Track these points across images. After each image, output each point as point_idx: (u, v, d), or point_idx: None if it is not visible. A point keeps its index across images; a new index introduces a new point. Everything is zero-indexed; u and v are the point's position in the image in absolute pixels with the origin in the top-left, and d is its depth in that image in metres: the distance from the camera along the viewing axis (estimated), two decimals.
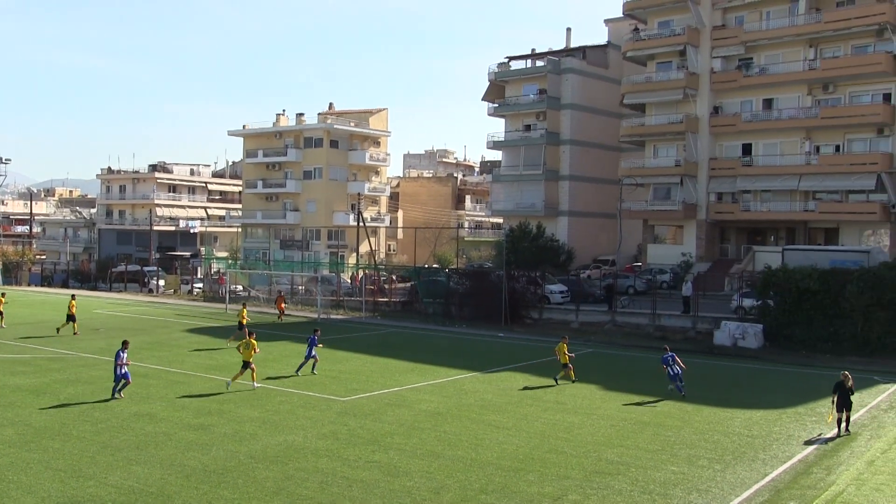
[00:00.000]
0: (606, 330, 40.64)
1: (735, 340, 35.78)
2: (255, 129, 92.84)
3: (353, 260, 76.81)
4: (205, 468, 15.95)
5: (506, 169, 73.93)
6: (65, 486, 14.66)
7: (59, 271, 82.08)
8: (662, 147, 63.01)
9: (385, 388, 24.88)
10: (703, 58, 59.80)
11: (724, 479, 16.02)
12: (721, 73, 58.83)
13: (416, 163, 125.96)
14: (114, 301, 53.76)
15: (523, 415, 21.52)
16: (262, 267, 66.92)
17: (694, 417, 21.61)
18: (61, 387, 24.13)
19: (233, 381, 24.44)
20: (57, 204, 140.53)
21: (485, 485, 15.27)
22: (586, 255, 69.02)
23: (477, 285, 46.63)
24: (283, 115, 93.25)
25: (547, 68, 70.78)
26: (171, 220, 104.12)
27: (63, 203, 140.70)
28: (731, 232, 61.79)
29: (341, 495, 14.49)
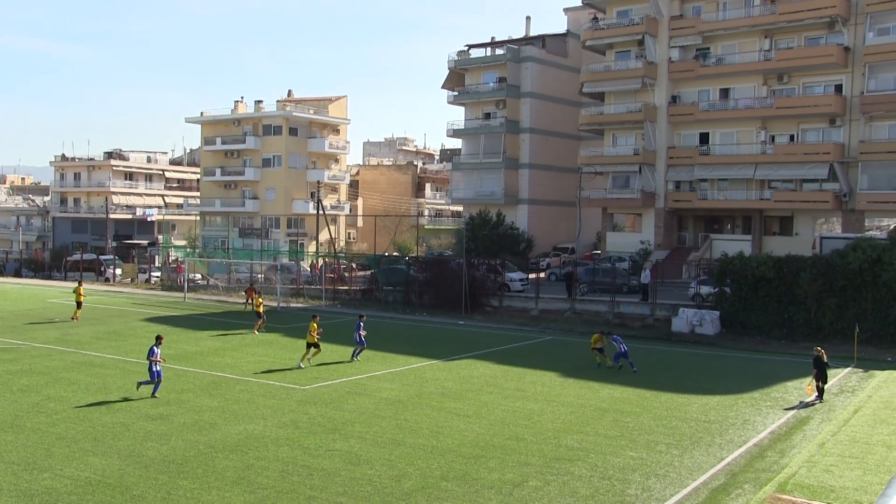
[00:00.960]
0: (566, 317, 40.94)
1: (692, 327, 36.27)
2: (214, 116, 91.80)
3: (312, 248, 76.44)
4: (164, 458, 15.82)
5: (466, 157, 73.95)
6: (18, 480, 14.44)
7: (12, 260, 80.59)
8: (621, 136, 63.46)
9: (345, 377, 24.84)
10: (661, 47, 60.27)
11: (682, 463, 16.27)
12: (679, 63, 59.35)
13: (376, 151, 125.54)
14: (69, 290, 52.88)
15: (483, 402, 21.63)
16: (221, 255, 66.33)
17: (652, 403, 21.90)
18: (13, 377, 23.73)
19: (303, 361, 26.35)
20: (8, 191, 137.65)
21: (446, 472, 15.34)
22: (546, 242, 69.41)
23: (437, 273, 46.69)
24: (242, 103, 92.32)
25: (507, 56, 70.86)
26: (128, 208, 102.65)
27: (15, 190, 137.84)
28: (689, 220, 62.50)
29: (302, 484, 14.46)
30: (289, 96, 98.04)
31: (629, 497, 14.18)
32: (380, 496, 13.91)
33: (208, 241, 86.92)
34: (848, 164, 52.62)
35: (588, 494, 14.25)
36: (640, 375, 26.16)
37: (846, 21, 52.16)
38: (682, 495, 14.35)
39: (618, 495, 14.26)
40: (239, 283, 55.43)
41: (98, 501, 13.36)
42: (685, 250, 59.14)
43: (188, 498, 13.61)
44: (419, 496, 13.96)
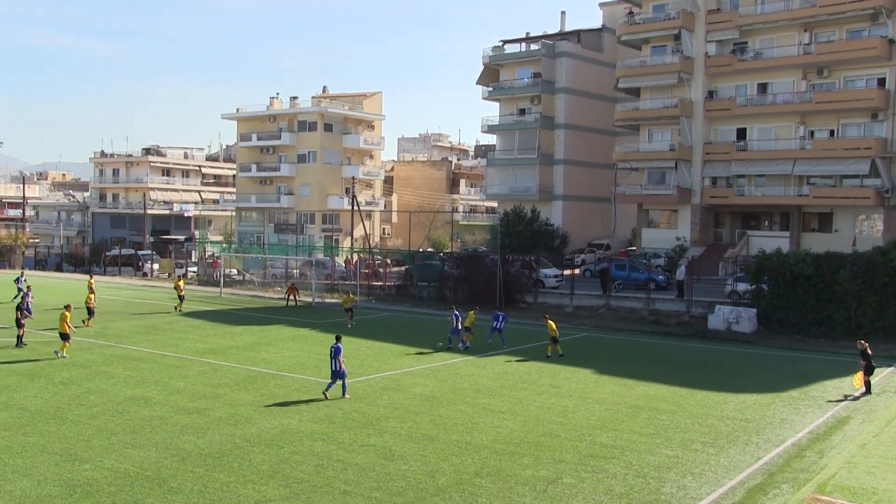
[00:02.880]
0: (601, 314, 40.71)
1: (729, 324, 35.89)
2: (249, 112, 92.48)
3: (347, 244, 76.70)
4: (200, 451, 15.99)
5: (500, 153, 73.80)
6: (61, 470, 14.68)
7: (53, 255, 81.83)
8: (657, 131, 62.94)
9: (380, 372, 24.92)
10: (697, 42, 59.64)
11: (718, 462, 16.11)
12: (716, 58, 58.69)
13: (411, 146, 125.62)
14: (108, 284, 53.59)
15: (518, 399, 21.59)
16: (257, 251, 66.89)
17: (688, 401, 21.71)
18: (55, 370, 24.12)
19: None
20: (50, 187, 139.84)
21: (479, 468, 15.34)
22: (580, 239, 69.09)
23: (471, 269, 46.64)
24: (277, 99, 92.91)
25: (541, 52, 70.53)
26: (165, 204, 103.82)
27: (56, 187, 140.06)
28: (726, 216, 61.84)
29: (336, 478, 14.54)
30: (324, 92, 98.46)
31: (664, 495, 14.07)
32: (414, 491, 13.94)
33: (244, 237, 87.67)
34: (890, 159, 51.68)
35: (623, 492, 14.17)
36: (676, 373, 25.97)
37: (891, 13, 51.14)
38: (719, 494, 14.21)
39: (653, 493, 14.16)
40: (274, 279, 55.85)
41: (136, 493, 13.54)
42: (721, 247, 58.52)
43: (224, 491, 13.74)
44: (453, 492, 13.97)
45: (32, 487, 13.75)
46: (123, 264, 68.26)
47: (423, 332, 34.17)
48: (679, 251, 56.36)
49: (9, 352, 27.18)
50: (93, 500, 13.16)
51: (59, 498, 13.27)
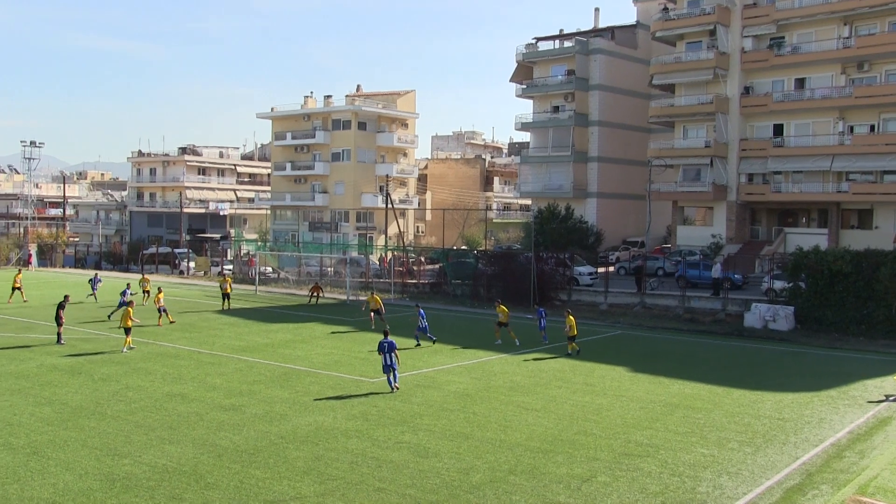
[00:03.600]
0: (635, 312, 40.47)
1: (766, 323, 35.50)
2: (284, 111, 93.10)
3: (381, 242, 76.98)
4: (236, 448, 16.15)
5: (534, 150, 73.63)
6: (101, 464, 14.92)
7: (92, 253, 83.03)
8: (692, 128, 62.40)
9: (414, 370, 24.98)
10: (733, 37, 59.02)
11: (755, 462, 15.95)
12: (752, 53, 58.04)
13: (444, 144, 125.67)
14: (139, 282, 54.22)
15: (552, 396, 21.54)
16: (292, 249, 67.30)
17: (724, 400, 21.51)
18: (95, 366, 24.50)
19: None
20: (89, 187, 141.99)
21: (514, 466, 15.33)
22: (615, 236, 68.72)
23: (505, 267, 46.58)
24: (311, 98, 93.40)
25: (575, 49, 70.23)
26: (201, 203, 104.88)
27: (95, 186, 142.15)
28: (762, 213, 61.16)
29: (371, 475, 14.61)
30: (357, 91, 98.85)
31: (700, 494, 13.96)
32: (448, 489, 13.97)
33: (279, 235, 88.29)
34: None
35: (658, 491, 14.08)
36: (712, 371, 25.75)
37: None
38: (756, 494, 14.06)
39: (688, 492, 14.05)
40: (309, 277, 56.19)
41: (174, 488, 13.72)
42: (758, 244, 57.90)
43: (260, 487, 13.87)
44: (487, 490, 13.97)
45: (74, 481, 13.98)
46: (160, 262, 69.10)
47: (457, 330, 34.20)
48: (715, 249, 55.85)
49: (50, 347, 27.64)
50: (132, 495, 13.36)
51: (99, 492, 13.48)
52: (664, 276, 48.66)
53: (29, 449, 15.86)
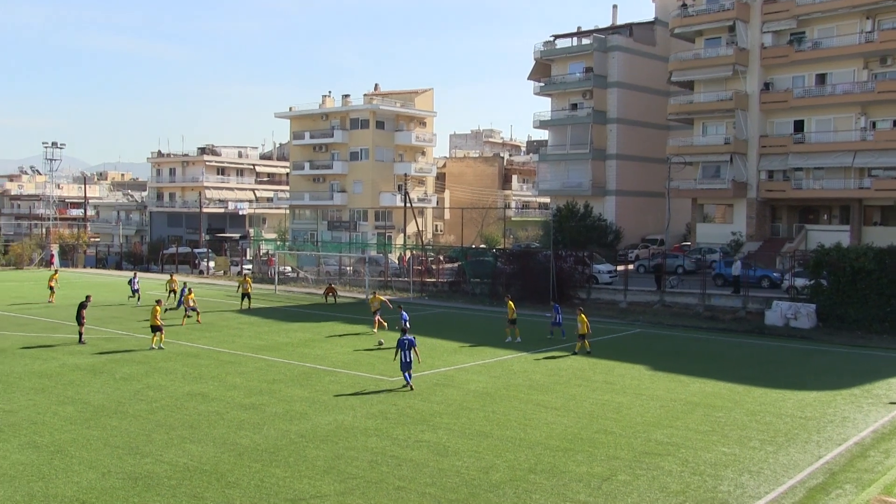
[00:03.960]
0: (655, 310, 40.29)
1: (787, 320, 35.23)
2: (302, 111, 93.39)
3: (400, 240, 77.10)
4: (257, 447, 16.21)
5: (552, 148, 73.48)
6: (123, 463, 15.02)
7: (113, 253, 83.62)
8: (711, 124, 62.08)
9: (433, 369, 24.98)
10: (752, 33, 58.65)
11: (777, 460, 15.83)
12: (772, 49, 57.66)
13: (463, 143, 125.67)
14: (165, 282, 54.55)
15: (572, 395, 21.48)
16: (310, 248, 67.47)
17: (745, 398, 21.37)
18: (117, 366, 24.67)
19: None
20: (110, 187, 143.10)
21: (534, 464, 15.29)
22: (634, 234, 68.48)
23: (524, 265, 46.50)
24: (329, 97, 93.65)
25: (593, 46, 70.04)
26: (220, 203, 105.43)
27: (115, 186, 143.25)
28: (783, 210, 60.76)
29: (391, 474, 14.62)
30: (375, 90, 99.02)
31: (721, 493, 13.87)
32: (468, 488, 13.95)
33: (298, 234, 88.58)
34: None
35: (679, 490, 14.00)
36: (732, 370, 25.59)
37: None
38: (778, 493, 13.95)
39: (709, 491, 13.96)
40: (328, 276, 56.34)
41: (195, 487, 13.78)
42: (778, 241, 57.51)
43: (280, 486, 13.91)
44: (507, 488, 13.95)
45: (97, 479, 14.09)
46: (180, 262, 69.48)
47: (477, 329, 34.17)
48: (735, 246, 55.53)
49: (72, 347, 27.87)
50: (154, 493, 13.43)
51: (121, 490, 13.57)
52: (684, 274, 48.44)
53: (53, 447, 16.00)
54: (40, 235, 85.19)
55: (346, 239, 76.82)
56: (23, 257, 73.00)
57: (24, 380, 22.49)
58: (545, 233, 59.86)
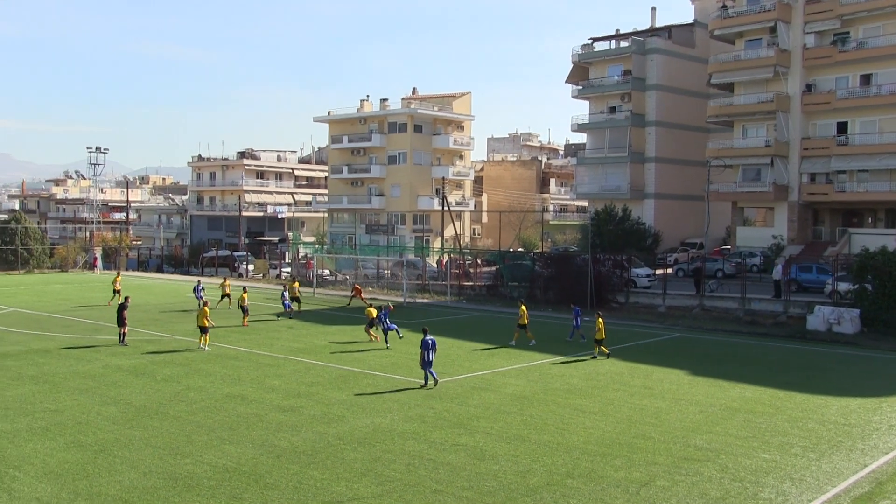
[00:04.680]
0: (694, 314, 39.90)
1: (830, 325, 34.66)
2: (340, 115, 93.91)
3: (438, 244, 77.19)
4: (295, 449, 16.33)
5: (590, 151, 73.17)
6: (164, 463, 15.22)
7: (154, 256, 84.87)
8: (752, 127, 61.37)
9: (471, 372, 24.98)
10: (794, 34, 57.89)
11: (820, 468, 15.58)
12: (814, 49, 56.86)
13: (500, 146, 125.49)
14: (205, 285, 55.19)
15: (610, 399, 21.34)
16: (349, 251, 67.87)
17: (786, 404, 21.07)
18: (158, 368, 25.00)
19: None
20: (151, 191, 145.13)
21: (571, 469, 15.22)
22: (673, 238, 67.92)
23: (562, 269, 46.31)
24: (367, 101, 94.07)
25: (631, 49, 69.63)
26: (260, 206, 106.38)
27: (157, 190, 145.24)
28: (825, 214, 59.85)
29: (428, 477, 14.64)
30: (413, 94, 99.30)
31: (762, 501, 13.68)
32: (505, 492, 13.93)
33: (336, 238, 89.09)
34: None
35: (718, 496, 13.84)
36: (773, 375, 25.25)
37: None
38: (821, 501, 13.72)
39: (750, 498, 13.78)
40: (366, 279, 56.59)
41: (234, 488, 13.92)
42: (821, 245, 56.67)
43: (318, 488, 14.00)
44: (544, 493, 13.90)
45: (139, 479, 14.29)
46: (220, 265, 70.20)
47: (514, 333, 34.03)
48: (776, 250, 54.82)
49: (115, 348, 28.29)
50: (194, 494, 13.59)
51: (163, 490, 13.75)
52: (724, 278, 47.91)
53: (97, 447, 16.26)
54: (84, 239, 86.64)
55: (384, 242, 77.14)
56: (68, 260, 74.29)
57: (69, 380, 22.89)
58: (583, 236, 59.59)
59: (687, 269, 52.11)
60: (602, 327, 27.92)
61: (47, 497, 13.37)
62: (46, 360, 26.05)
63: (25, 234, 73.21)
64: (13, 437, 16.99)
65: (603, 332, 27.93)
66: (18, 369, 24.54)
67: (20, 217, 77.43)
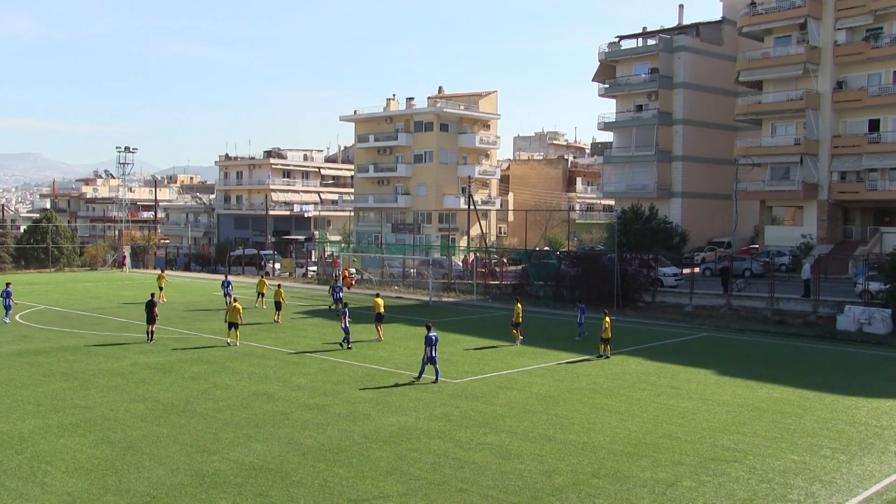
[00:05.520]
0: (721, 314, 39.59)
1: (860, 326, 34.26)
2: (366, 114, 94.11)
3: (464, 243, 77.15)
4: (321, 447, 16.39)
5: (617, 150, 72.79)
6: (191, 460, 15.34)
7: (182, 255, 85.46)
8: (780, 125, 60.75)
9: (496, 371, 24.96)
10: (825, 30, 57.22)
11: (850, 470, 15.40)
12: (846, 46, 56.16)
13: (527, 145, 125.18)
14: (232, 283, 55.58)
15: (636, 399, 21.24)
16: (375, 250, 68.01)
17: (815, 405, 20.85)
18: (185, 365, 25.21)
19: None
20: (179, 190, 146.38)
21: (597, 469, 15.16)
22: (700, 237, 67.42)
23: (588, 268, 46.12)
24: (394, 100, 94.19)
25: (659, 47, 69.16)
26: (286, 205, 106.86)
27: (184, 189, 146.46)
28: (856, 212, 59.13)
29: (453, 476, 14.64)
30: (439, 93, 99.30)
31: (791, 502, 13.54)
32: (530, 491, 13.90)
33: (362, 237, 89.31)
34: None
35: (746, 497, 13.72)
36: (802, 375, 25.00)
37: None
38: None
39: (778, 500, 13.65)
40: (392, 278, 56.68)
41: (261, 485, 14.00)
42: (851, 244, 56.00)
43: (344, 486, 14.05)
44: (570, 492, 13.85)
45: (167, 475, 14.42)
46: (247, 264, 70.64)
47: (540, 332, 33.99)
48: (805, 249, 54.24)
49: (143, 346, 28.57)
50: (221, 491, 13.69)
51: (190, 486, 13.86)
52: (752, 277, 47.50)
53: (125, 443, 16.43)
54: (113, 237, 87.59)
55: (410, 241, 77.17)
56: (97, 258, 75.15)
57: (98, 377, 23.15)
58: (610, 235, 59.29)
59: (714, 269, 51.72)
60: (608, 326, 27.73)
61: (78, 492, 13.53)
62: (76, 357, 26.37)
63: (56, 232, 74.19)
64: (45, 432, 17.22)
65: (609, 331, 27.72)
66: (50, 366, 24.87)
67: (51, 216, 78.47)
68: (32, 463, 15.10)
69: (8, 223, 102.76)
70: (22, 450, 15.95)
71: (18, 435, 17.03)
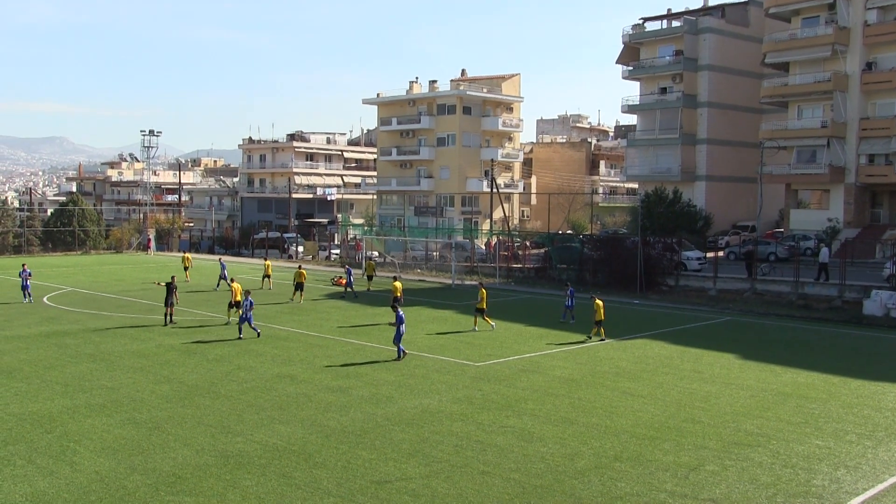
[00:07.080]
0: (745, 298, 39.33)
1: (888, 310, 33.89)
2: (389, 97, 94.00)
3: (486, 226, 77.08)
4: (344, 429, 16.50)
5: (641, 133, 72.26)
6: (216, 441, 15.50)
7: (206, 238, 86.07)
8: (807, 107, 60.03)
9: (519, 354, 24.98)
10: (855, 10, 56.36)
11: (877, 456, 15.29)
12: (876, 26, 55.30)
13: (550, 128, 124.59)
14: (256, 266, 55.87)
15: (659, 383, 21.18)
16: (397, 233, 68.06)
17: (840, 390, 20.70)
18: (209, 348, 25.42)
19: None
20: (203, 174, 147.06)
21: (619, 452, 15.16)
22: (725, 220, 66.90)
23: (611, 252, 45.95)
24: (416, 83, 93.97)
25: (683, 28, 68.45)
26: (309, 188, 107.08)
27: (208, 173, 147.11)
28: (884, 196, 58.40)
29: (475, 459, 14.69)
30: (462, 75, 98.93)
31: (815, 488, 13.48)
32: (553, 474, 13.92)
33: (385, 220, 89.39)
34: None
35: (769, 482, 13.67)
36: (827, 360, 24.81)
37: None
38: (878, 491, 13.45)
39: (802, 485, 13.59)
40: (415, 261, 56.75)
41: (284, 466, 14.12)
42: (879, 228, 55.35)
43: (366, 467, 14.14)
44: (592, 475, 13.87)
45: (192, 456, 14.58)
46: (270, 247, 71.00)
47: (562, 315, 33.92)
48: (831, 233, 53.69)
49: (167, 328, 28.84)
50: (244, 472, 13.82)
51: (214, 467, 14.01)
52: (777, 261, 47.11)
53: (151, 424, 16.62)
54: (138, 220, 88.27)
55: (433, 224, 77.21)
56: (122, 241, 75.83)
57: (124, 359, 23.41)
58: (633, 219, 59.00)
59: (738, 253, 51.36)
60: (599, 309, 27.60)
61: (105, 471, 13.71)
62: (103, 339, 26.67)
63: (82, 215, 74.93)
64: (73, 412, 17.45)
65: (601, 313, 27.61)
66: (77, 347, 25.18)
67: (77, 199, 79.22)
68: (62, 442, 15.33)
69: (35, 206, 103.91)
70: (51, 429, 16.19)
71: (48, 414, 17.28)
